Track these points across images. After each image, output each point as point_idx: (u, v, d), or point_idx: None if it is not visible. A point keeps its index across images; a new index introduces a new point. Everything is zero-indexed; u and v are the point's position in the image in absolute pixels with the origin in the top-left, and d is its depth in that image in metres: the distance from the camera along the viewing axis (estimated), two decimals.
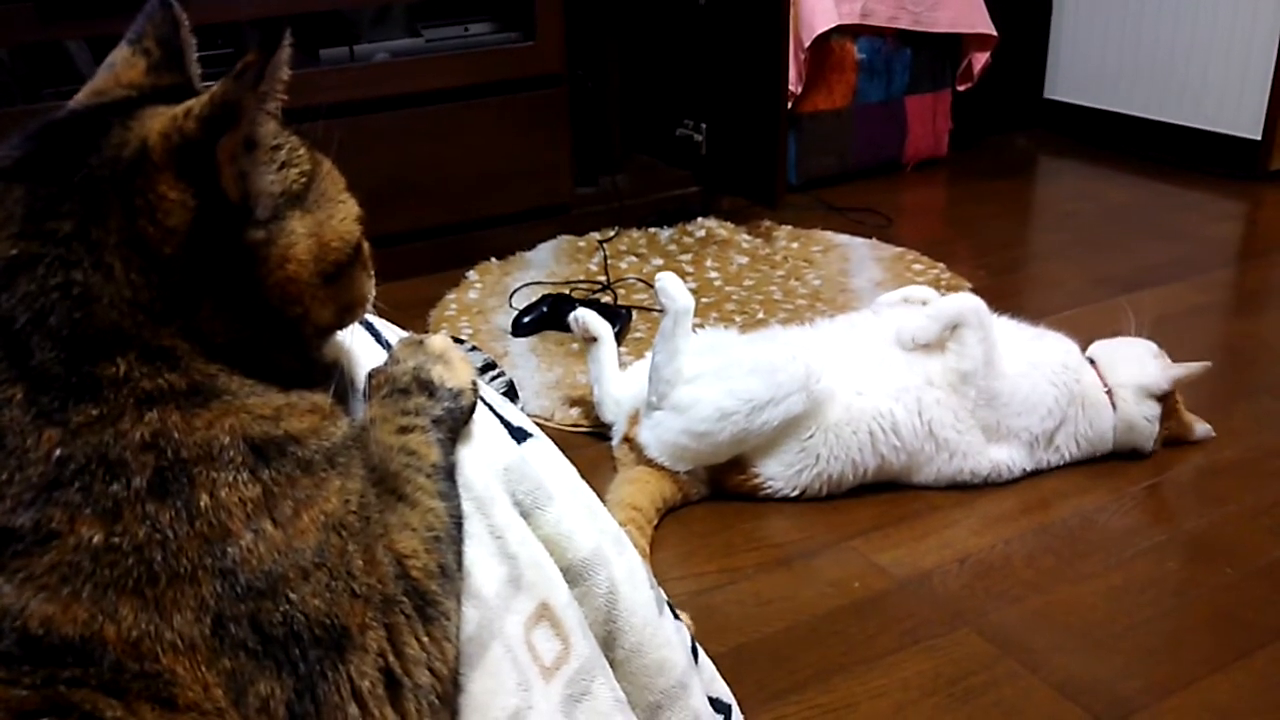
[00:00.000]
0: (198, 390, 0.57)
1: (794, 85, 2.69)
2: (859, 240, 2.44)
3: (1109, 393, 1.55)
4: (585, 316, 1.62)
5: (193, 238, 0.57)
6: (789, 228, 2.49)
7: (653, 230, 2.47)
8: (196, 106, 0.57)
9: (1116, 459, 1.59)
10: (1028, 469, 1.53)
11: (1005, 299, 1.92)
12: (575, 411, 1.72)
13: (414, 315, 2.06)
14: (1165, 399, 1.56)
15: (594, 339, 1.62)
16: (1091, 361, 1.59)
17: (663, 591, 0.85)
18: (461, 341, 1.85)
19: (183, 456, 0.55)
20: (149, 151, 0.56)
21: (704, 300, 2.11)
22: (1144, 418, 1.55)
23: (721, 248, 2.38)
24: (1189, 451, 1.60)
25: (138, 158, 0.56)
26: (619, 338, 1.92)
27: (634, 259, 2.33)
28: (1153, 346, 1.60)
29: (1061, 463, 1.55)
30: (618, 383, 1.61)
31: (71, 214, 0.55)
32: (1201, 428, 1.58)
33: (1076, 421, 1.54)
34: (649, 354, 1.55)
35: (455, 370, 0.74)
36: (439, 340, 0.76)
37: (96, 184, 0.56)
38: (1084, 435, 1.55)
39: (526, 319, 2.00)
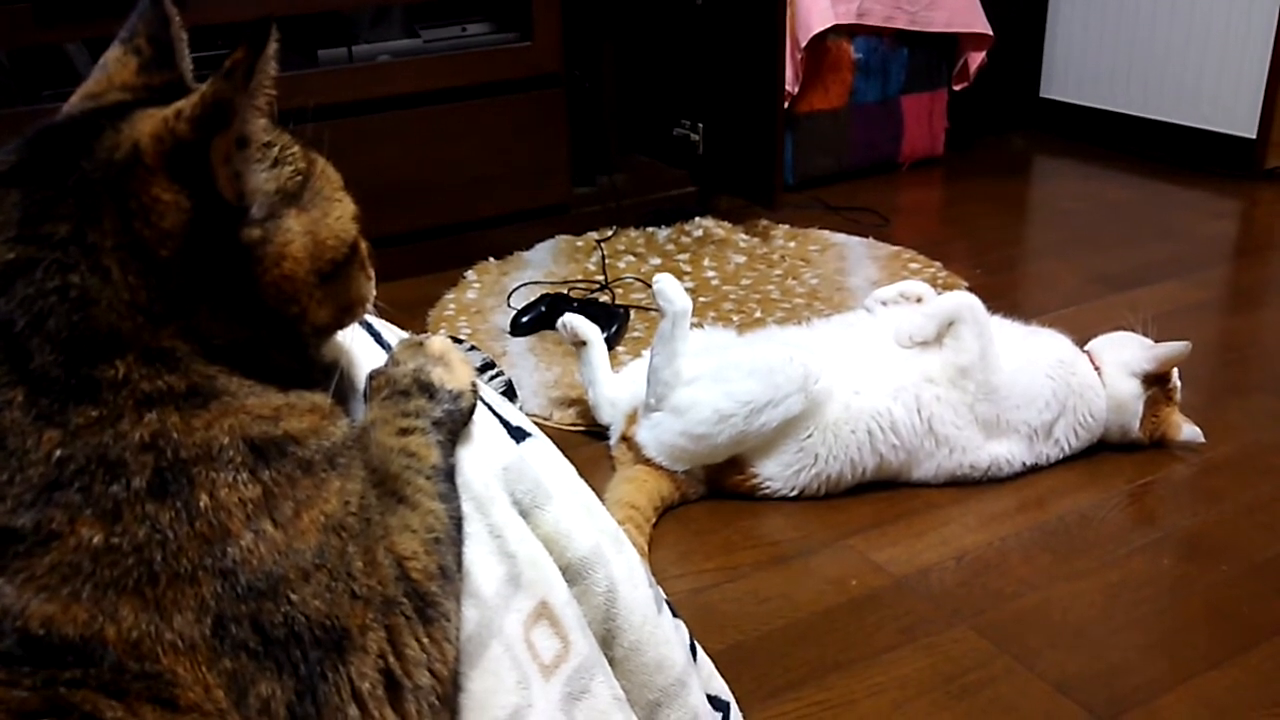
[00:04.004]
0: (197, 391, 0.57)
1: (791, 85, 2.69)
2: (856, 239, 2.45)
3: (1098, 370, 1.57)
4: (573, 321, 1.62)
5: (189, 239, 0.56)
6: (786, 227, 2.49)
7: (650, 230, 2.47)
8: (187, 107, 0.56)
9: (1112, 456, 1.60)
10: (1027, 463, 1.54)
11: (1002, 297, 1.93)
12: (573, 411, 1.72)
13: (412, 315, 2.06)
14: (1155, 384, 1.57)
15: (583, 343, 1.62)
16: (1089, 355, 1.60)
17: (661, 590, 0.85)
18: (460, 341, 1.85)
19: (182, 457, 0.55)
20: (141, 154, 0.56)
21: (701, 299, 2.11)
22: (1130, 395, 1.56)
23: (719, 247, 2.39)
24: (1184, 450, 1.61)
25: (130, 161, 0.56)
26: (617, 337, 1.93)
27: (632, 258, 2.34)
28: (1146, 341, 1.61)
29: (1061, 456, 1.56)
30: (612, 384, 1.61)
31: (67, 217, 0.55)
32: (1190, 430, 1.58)
33: (1075, 411, 1.55)
34: (646, 353, 1.56)
35: (455, 372, 0.74)
36: (439, 342, 0.76)
37: (90, 187, 0.56)
38: (1082, 424, 1.55)
39: (525, 319, 2.00)
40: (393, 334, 0.82)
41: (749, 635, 1.24)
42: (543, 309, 2.00)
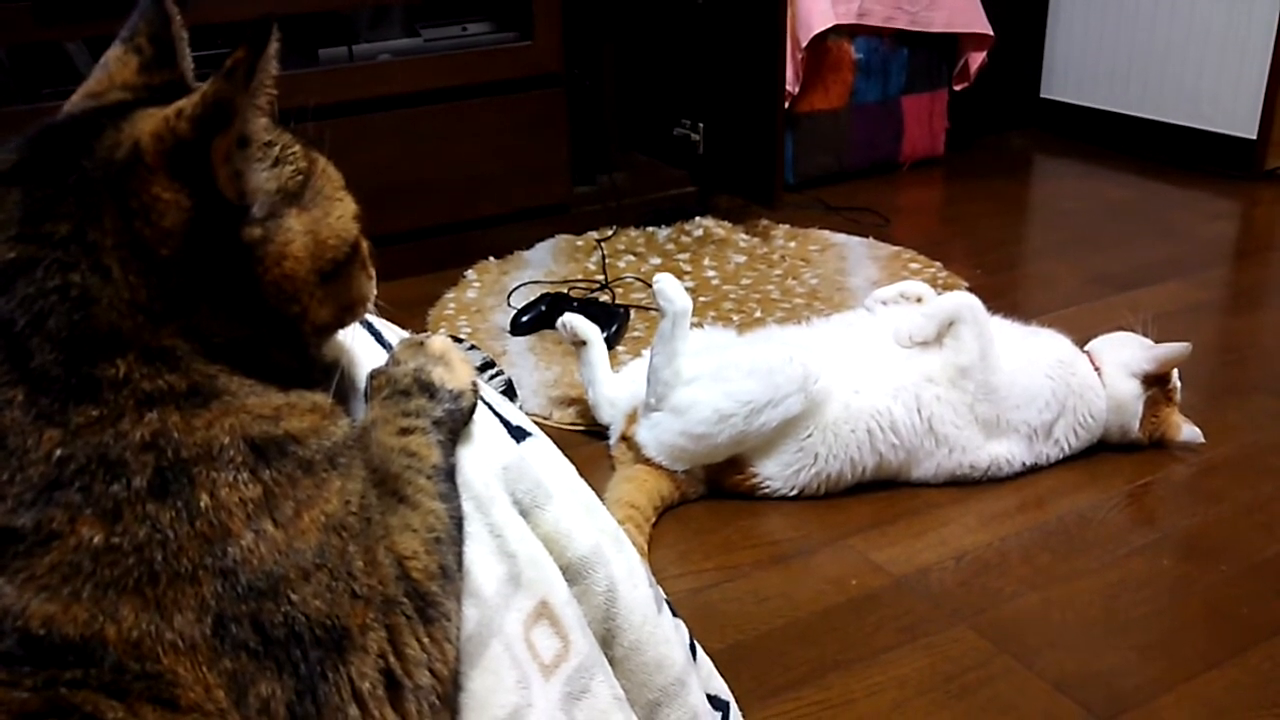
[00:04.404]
0: (197, 391, 0.57)
1: (791, 85, 2.69)
2: (856, 239, 2.45)
3: (1098, 371, 1.57)
4: (572, 321, 1.62)
5: (190, 238, 0.56)
6: (786, 227, 2.49)
7: (650, 229, 2.47)
8: (188, 107, 0.56)
9: (1111, 456, 1.60)
10: (1027, 463, 1.54)
11: (1002, 297, 1.93)
12: (573, 410, 1.72)
13: (413, 314, 2.06)
14: (1155, 385, 1.57)
15: (583, 343, 1.62)
16: (1089, 355, 1.61)
17: (661, 589, 0.85)
18: (460, 340, 1.85)
19: (183, 456, 0.55)
20: (141, 154, 0.56)
21: (702, 299, 2.11)
22: (1130, 395, 1.56)
23: (719, 247, 2.39)
24: (1183, 450, 1.61)
25: (130, 160, 0.56)
26: (617, 337, 1.93)
27: (632, 258, 2.34)
28: (1147, 341, 1.61)
29: (1061, 456, 1.56)
30: (611, 384, 1.61)
31: (68, 216, 0.55)
32: (1189, 431, 1.59)
33: (1075, 412, 1.55)
34: (646, 353, 1.56)
35: (456, 372, 0.74)
36: (439, 341, 0.76)
37: (91, 186, 0.56)
38: (1082, 424, 1.56)
39: (525, 318, 2.00)
40: (393, 333, 0.82)
41: (748, 635, 1.24)
42: (543, 308, 2.00)
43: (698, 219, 2.50)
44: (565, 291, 2.12)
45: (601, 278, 2.22)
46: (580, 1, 2.42)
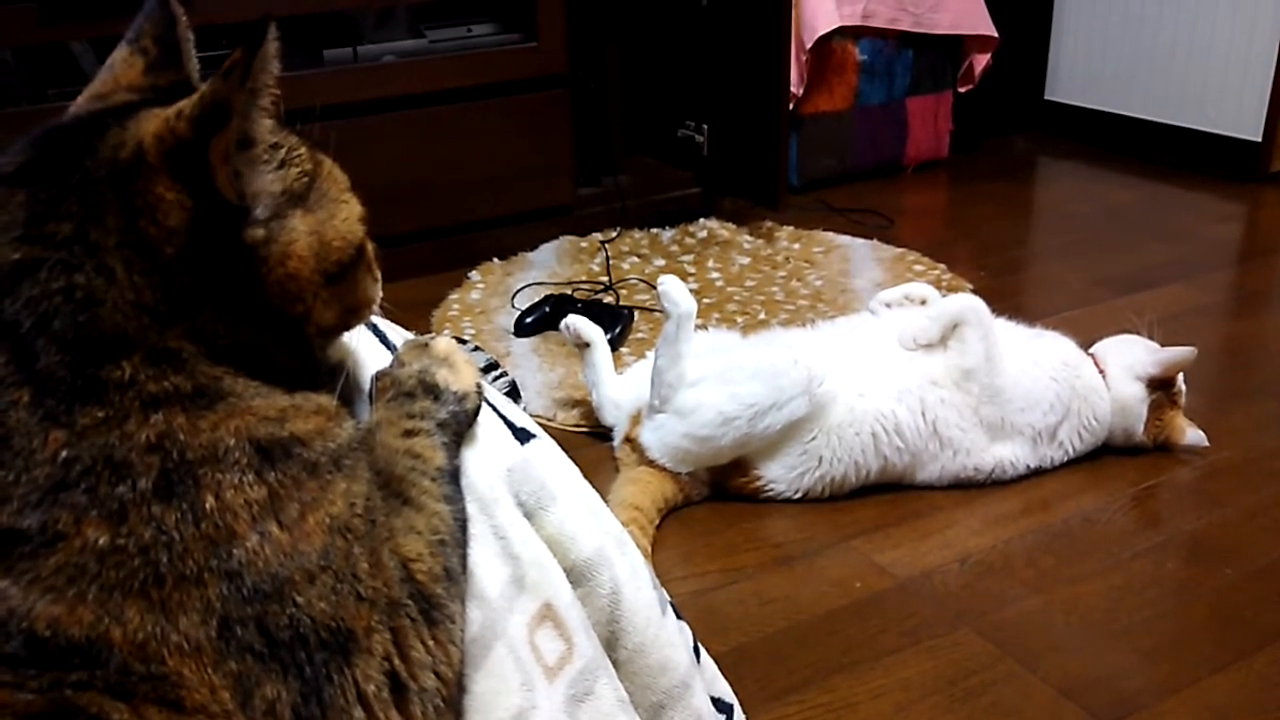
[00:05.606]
0: (203, 392, 0.57)
1: (795, 87, 2.69)
2: (860, 241, 2.45)
3: (1103, 373, 1.57)
4: (576, 323, 1.62)
5: (193, 237, 0.57)
6: (790, 229, 2.49)
7: (654, 231, 2.47)
8: (187, 107, 0.57)
9: (1116, 459, 1.59)
10: (1031, 465, 1.54)
11: (1006, 300, 1.93)
12: (577, 412, 1.73)
13: (417, 315, 2.07)
14: (1160, 388, 1.57)
15: (586, 344, 1.62)
16: (1093, 357, 1.61)
17: (665, 592, 0.85)
18: (464, 342, 1.85)
19: (188, 458, 0.55)
20: (144, 153, 0.56)
21: (706, 301, 2.11)
22: (1134, 398, 1.56)
23: (723, 249, 2.39)
24: (1188, 453, 1.60)
25: (133, 159, 0.56)
26: (621, 338, 1.93)
27: (636, 259, 2.34)
28: (1152, 344, 1.61)
29: (1065, 458, 1.56)
30: (615, 386, 1.62)
31: (71, 216, 0.55)
32: (1194, 434, 1.58)
33: (1079, 414, 1.54)
34: (649, 354, 1.56)
35: (460, 374, 0.74)
36: (444, 343, 0.76)
37: (94, 185, 0.56)
38: (1087, 427, 1.55)
39: (529, 319, 2.00)
40: (398, 335, 0.82)
41: (752, 637, 1.24)
42: (547, 310, 2.00)
43: (702, 221, 2.50)
44: (569, 293, 2.12)
45: (605, 279, 2.22)
46: (585, 3, 2.42)
